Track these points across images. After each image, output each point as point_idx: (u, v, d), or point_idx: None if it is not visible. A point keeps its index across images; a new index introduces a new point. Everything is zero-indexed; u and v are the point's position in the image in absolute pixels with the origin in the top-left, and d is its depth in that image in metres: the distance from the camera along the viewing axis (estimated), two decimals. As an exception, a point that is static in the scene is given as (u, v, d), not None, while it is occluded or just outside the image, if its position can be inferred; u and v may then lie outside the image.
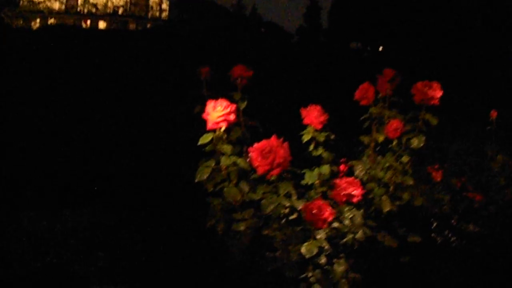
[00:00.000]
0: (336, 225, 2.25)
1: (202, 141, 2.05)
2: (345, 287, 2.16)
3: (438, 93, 2.54)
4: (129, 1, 23.83)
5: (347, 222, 2.36)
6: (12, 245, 3.00)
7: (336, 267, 2.25)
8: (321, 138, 2.50)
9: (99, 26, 21.91)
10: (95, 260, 2.94)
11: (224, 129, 2.06)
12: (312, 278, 2.20)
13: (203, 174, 2.10)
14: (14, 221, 3.29)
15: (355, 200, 2.13)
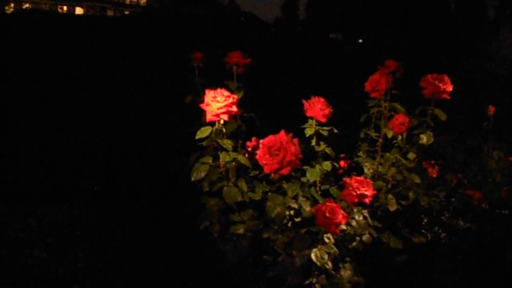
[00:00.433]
0: (343, 227, 2.07)
1: (200, 135, 1.84)
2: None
3: (449, 87, 2.37)
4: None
5: (354, 224, 2.18)
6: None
7: (343, 273, 2.07)
8: (325, 133, 2.31)
9: (76, 12, 21.31)
10: (75, 261, 2.72)
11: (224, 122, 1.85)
12: (317, 285, 2.02)
13: (200, 172, 1.89)
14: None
15: (368, 201, 1.95)
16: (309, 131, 2.27)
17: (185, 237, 2.73)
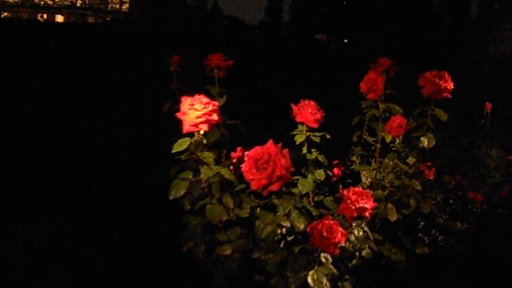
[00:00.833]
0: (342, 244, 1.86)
1: (177, 148, 1.62)
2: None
3: (450, 84, 2.18)
4: (88, -7, 22.89)
5: (353, 239, 1.98)
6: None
7: (342, 294, 1.87)
8: (317, 139, 2.10)
9: (57, 19, 20.93)
10: (54, 283, 2.49)
11: (204, 133, 1.63)
12: (315, 309, 1.80)
13: (180, 189, 1.67)
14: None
15: (368, 215, 1.75)
16: (300, 138, 2.07)
17: (168, 257, 2.51)
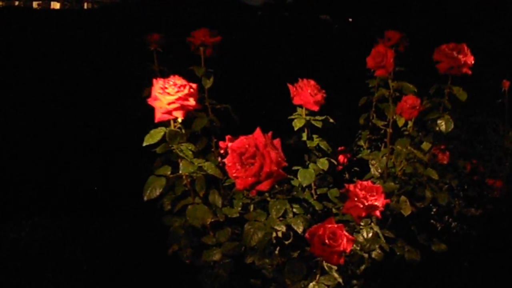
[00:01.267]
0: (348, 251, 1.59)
1: (149, 141, 1.35)
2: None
3: (470, 58, 1.89)
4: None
5: (361, 239, 1.71)
6: None
7: (350, 304, 1.61)
8: (318, 124, 1.83)
9: (52, 6, 20.56)
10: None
11: (182, 121, 1.36)
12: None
13: (155, 189, 1.41)
14: None
15: (379, 214, 1.48)
16: (298, 123, 1.79)
17: (155, 261, 2.26)
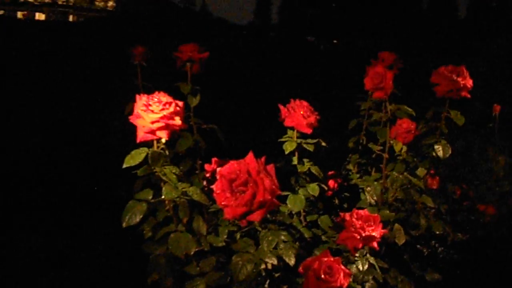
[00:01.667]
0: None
1: (130, 163, 1.23)
2: None
3: (470, 82, 1.81)
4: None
5: (354, 270, 1.60)
6: None
7: None
8: (310, 147, 1.73)
9: (37, 17, 20.36)
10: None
11: (166, 141, 1.25)
12: None
13: (134, 216, 1.29)
14: None
15: (376, 245, 1.38)
16: (289, 147, 1.69)
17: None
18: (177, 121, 1.16)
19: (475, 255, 2.74)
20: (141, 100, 1.17)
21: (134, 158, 1.23)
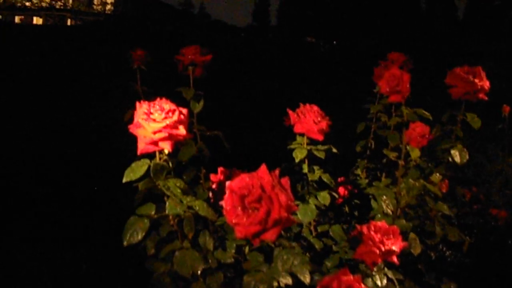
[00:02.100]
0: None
1: (130, 177, 1.13)
2: None
3: (487, 83, 1.72)
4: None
5: (371, 285, 1.51)
6: None
7: None
8: (321, 155, 1.63)
9: (34, 22, 20.28)
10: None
11: (169, 152, 1.15)
12: None
13: (136, 233, 1.19)
14: None
15: (396, 259, 1.29)
16: (300, 154, 1.59)
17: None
18: (181, 131, 1.06)
19: (489, 261, 2.66)
20: (142, 108, 1.07)
21: (135, 172, 1.13)
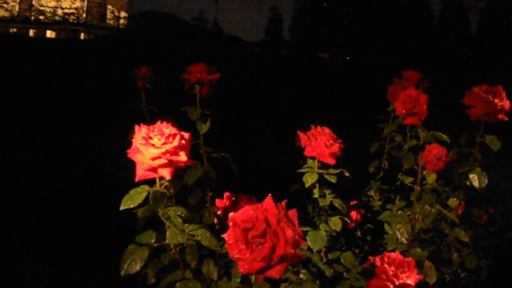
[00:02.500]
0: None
1: (128, 204, 1.07)
2: None
3: (507, 103, 1.64)
4: (82, 9, 22.40)
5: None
6: None
7: None
8: (333, 179, 1.56)
9: (47, 35, 20.52)
10: None
11: (170, 179, 1.08)
12: None
13: (135, 263, 1.12)
14: None
15: (411, 295, 1.20)
16: (310, 179, 1.52)
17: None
18: (182, 157, 1.00)
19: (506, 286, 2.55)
20: (140, 132, 1.01)
21: (133, 199, 1.06)
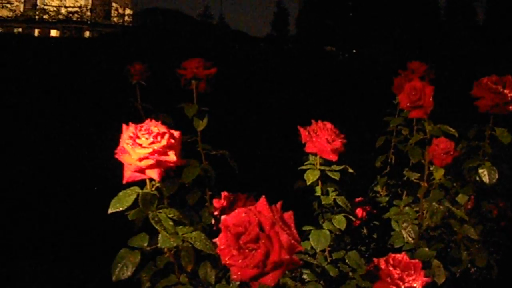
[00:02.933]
0: None
1: (116, 207, 1.01)
2: None
3: (517, 94, 1.56)
4: (85, 7, 22.43)
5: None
6: None
7: None
8: (336, 176, 1.49)
9: (51, 34, 20.56)
10: None
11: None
12: None
13: (126, 268, 1.07)
14: None
15: (418, 300, 1.14)
16: (312, 176, 1.46)
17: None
18: (172, 157, 0.94)
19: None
20: (128, 131, 0.95)
21: (122, 202, 1.01)
